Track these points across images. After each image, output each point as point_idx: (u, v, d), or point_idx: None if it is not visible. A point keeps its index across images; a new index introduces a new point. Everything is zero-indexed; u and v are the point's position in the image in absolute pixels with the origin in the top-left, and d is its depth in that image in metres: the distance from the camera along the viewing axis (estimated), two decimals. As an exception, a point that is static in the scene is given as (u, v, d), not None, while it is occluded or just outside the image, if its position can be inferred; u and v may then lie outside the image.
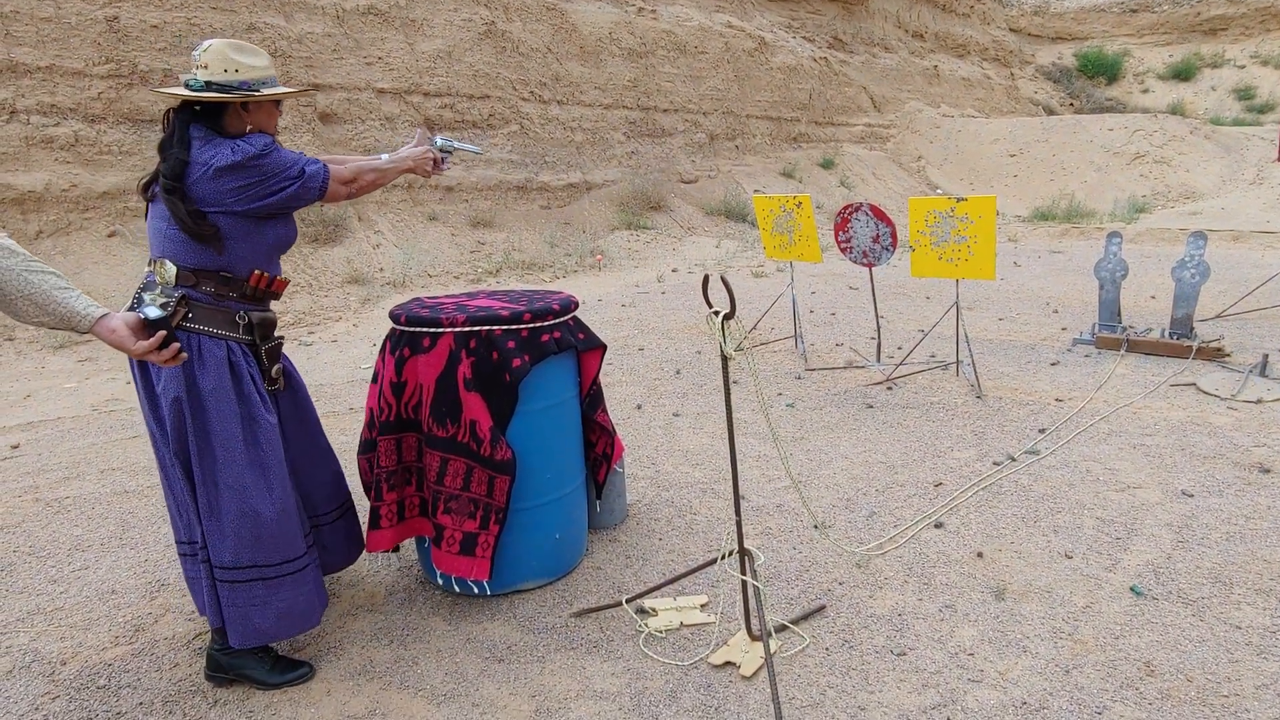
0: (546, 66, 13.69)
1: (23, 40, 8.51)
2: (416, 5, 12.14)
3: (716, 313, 2.17)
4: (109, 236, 8.53)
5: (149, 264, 2.21)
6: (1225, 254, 10.13)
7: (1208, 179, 17.63)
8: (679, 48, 16.16)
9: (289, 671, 2.36)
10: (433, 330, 2.55)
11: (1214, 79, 28.08)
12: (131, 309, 2.16)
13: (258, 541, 2.21)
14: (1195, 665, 2.27)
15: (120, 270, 8.16)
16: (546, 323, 2.65)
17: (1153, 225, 13.10)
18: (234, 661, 2.33)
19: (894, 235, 5.05)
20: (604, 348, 2.95)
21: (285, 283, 2.38)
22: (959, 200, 4.69)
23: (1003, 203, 17.54)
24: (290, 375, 2.48)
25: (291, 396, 2.47)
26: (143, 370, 2.22)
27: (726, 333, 2.16)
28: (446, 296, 2.98)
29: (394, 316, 2.65)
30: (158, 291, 2.14)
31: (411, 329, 2.59)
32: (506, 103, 12.92)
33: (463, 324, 2.52)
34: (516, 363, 2.54)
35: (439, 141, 2.62)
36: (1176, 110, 25.25)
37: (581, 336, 2.84)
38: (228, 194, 2.12)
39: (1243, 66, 27.90)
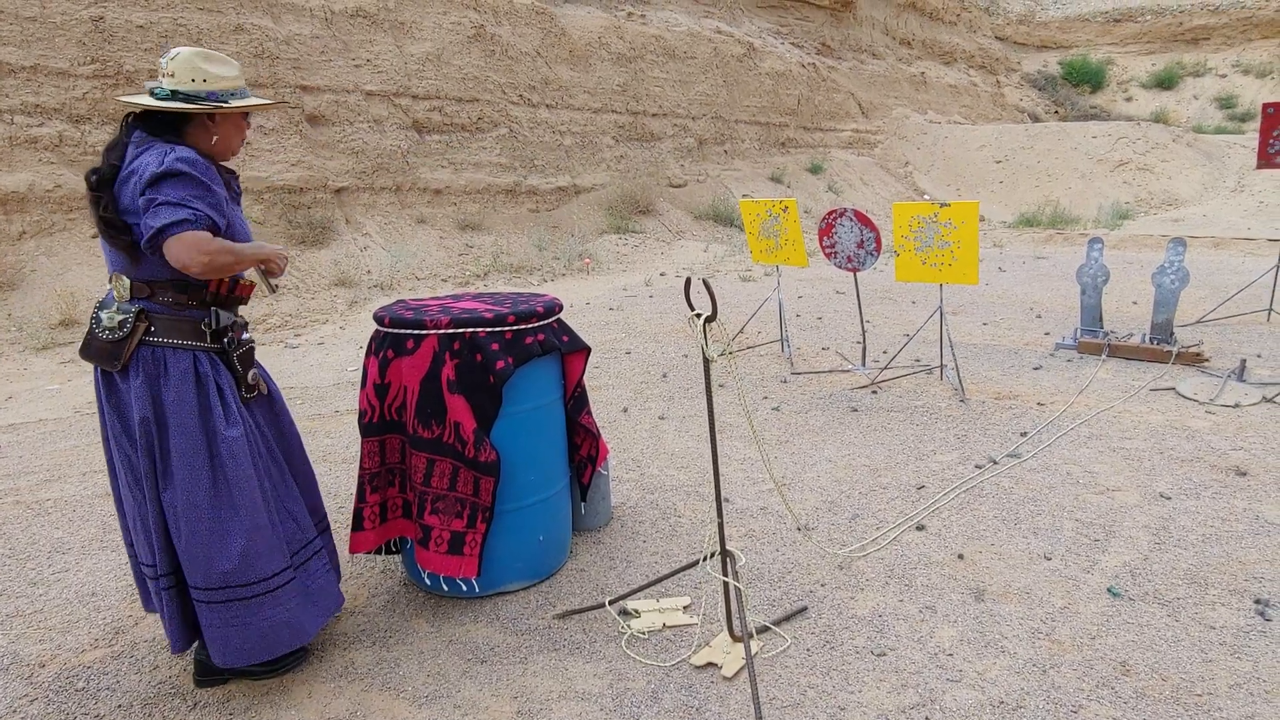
0: (536, 70, 13.71)
1: (7, 40, 8.45)
2: (405, 8, 12.14)
3: (698, 315, 2.18)
4: (93, 237, 8.47)
5: (109, 280, 2.12)
6: (1206, 260, 10.26)
7: (1190, 186, 17.86)
8: (668, 53, 16.22)
9: (285, 657, 2.37)
10: (416, 332, 2.55)
11: (1196, 87, 28.45)
12: (90, 329, 2.09)
13: (227, 560, 2.12)
14: (1170, 665, 2.30)
15: (104, 272, 8.10)
16: (530, 325, 2.66)
17: (1136, 231, 13.26)
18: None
19: (878, 240, 5.09)
20: (588, 350, 2.96)
21: (250, 286, 2.28)
22: (942, 206, 4.74)
23: (988, 208, 17.70)
24: (269, 389, 2.39)
25: (270, 406, 2.38)
26: (110, 391, 2.14)
27: (708, 335, 2.17)
28: (431, 298, 2.98)
29: (378, 318, 2.66)
30: (114, 309, 2.07)
31: (395, 331, 2.59)
32: (495, 106, 12.93)
33: (446, 326, 2.53)
34: (500, 365, 2.55)
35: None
36: (1159, 118, 25.56)
37: (566, 339, 2.85)
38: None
39: (1224, 75, 28.27)
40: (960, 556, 2.95)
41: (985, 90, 27.34)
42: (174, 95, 2.06)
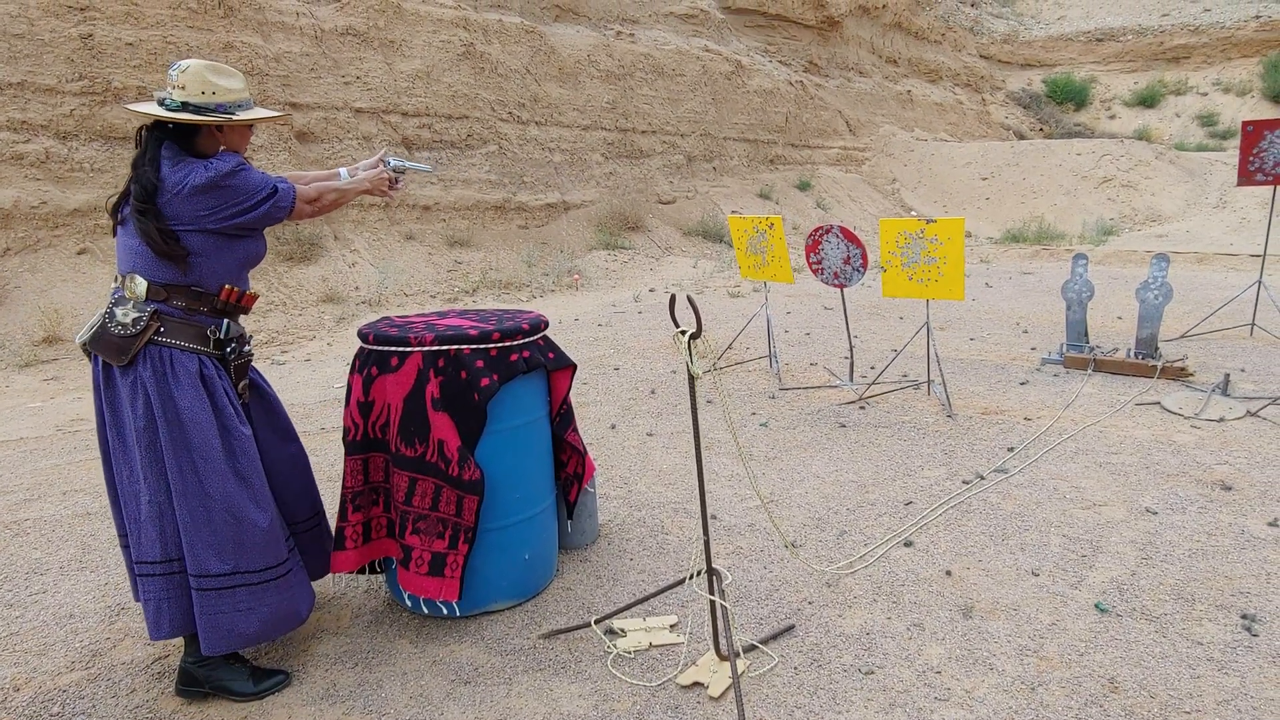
0: (525, 88, 13.78)
1: (-7, 56, 8.43)
2: (395, 26, 12.19)
3: (683, 332, 2.18)
4: (79, 254, 8.41)
5: (115, 279, 2.23)
6: (1190, 276, 10.36)
7: (1173, 202, 18.07)
8: (657, 70, 16.34)
9: (265, 680, 2.36)
10: (401, 349, 2.54)
11: (1178, 105, 28.86)
12: (103, 323, 2.18)
13: (240, 549, 2.24)
14: (1158, 681, 2.29)
15: (90, 288, 8.05)
16: (515, 342, 2.65)
17: (1120, 247, 13.38)
18: (211, 674, 2.33)
19: (864, 257, 5.11)
20: (574, 367, 2.95)
21: (254, 297, 2.41)
22: (929, 222, 4.77)
23: (975, 225, 17.85)
24: (259, 386, 2.50)
25: (263, 404, 2.49)
26: (108, 386, 2.21)
27: (693, 352, 2.17)
28: (416, 315, 2.97)
29: (362, 335, 2.64)
30: (130, 306, 2.17)
31: (379, 348, 2.57)
32: (485, 123, 12.97)
33: (431, 343, 2.52)
34: (485, 382, 2.53)
35: (392, 163, 2.67)
36: (1142, 135, 25.89)
37: (551, 356, 2.84)
38: (202, 212, 2.16)
39: (1205, 94, 28.71)
40: (948, 573, 2.94)
41: (971, 108, 27.65)
42: (184, 107, 2.18)
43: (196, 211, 2.15)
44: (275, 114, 2.43)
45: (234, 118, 2.24)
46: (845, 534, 3.30)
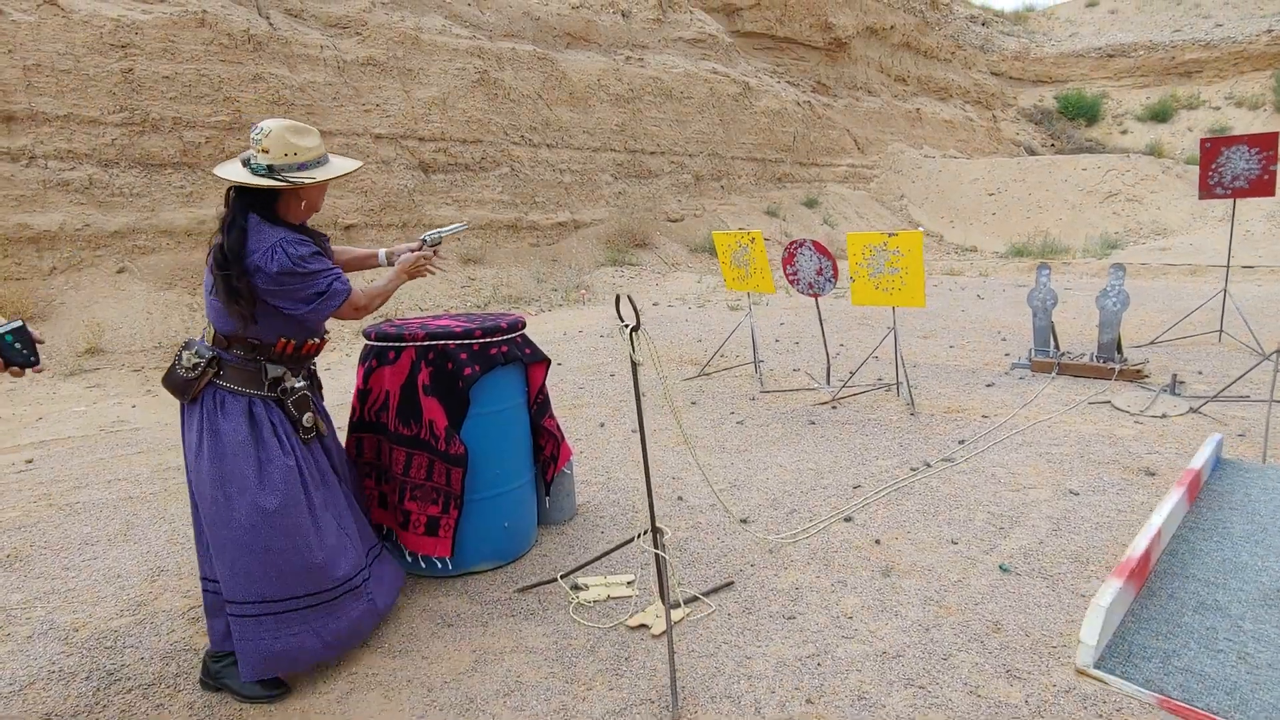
0: (537, 112, 14.38)
1: (43, 90, 9.13)
2: (413, 56, 12.85)
3: (626, 326, 2.62)
4: (118, 273, 9.05)
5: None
6: (1179, 287, 10.63)
7: (1178, 216, 18.24)
8: (665, 93, 16.89)
9: (263, 691, 2.44)
10: (397, 344, 3.00)
11: (1190, 120, 28.94)
12: (173, 364, 2.41)
13: (263, 578, 2.37)
14: (1036, 624, 2.67)
15: (128, 304, 8.66)
16: (495, 338, 3.10)
17: (1123, 260, 13.63)
18: (218, 669, 2.50)
19: (835, 268, 5.53)
20: (548, 361, 3.40)
21: (315, 345, 2.60)
22: (890, 235, 5.18)
23: (981, 239, 18.14)
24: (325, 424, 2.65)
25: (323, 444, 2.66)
26: (181, 421, 2.48)
27: (634, 342, 2.61)
28: (414, 318, 3.44)
29: (365, 334, 3.11)
30: (194, 350, 2.40)
31: (380, 343, 3.04)
32: (498, 146, 13.56)
33: (422, 339, 2.98)
34: (468, 371, 2.99)
35: (427, 238, 2.82)
36: (1154, 150, 26.02)
37: (528, 351, 3.29)
38: (276, 294, 2.35)
39: (1217, 108, 28.78)
40: (877, 542, 3.34)
41: (981, 125, 27.96)
42: (270, 170, 2.32)
43: (266, 288, 2.33)
44: (350, 170, 2.51)
45: (315, 178, 2.36)
46: (794, 512, 3.71)
